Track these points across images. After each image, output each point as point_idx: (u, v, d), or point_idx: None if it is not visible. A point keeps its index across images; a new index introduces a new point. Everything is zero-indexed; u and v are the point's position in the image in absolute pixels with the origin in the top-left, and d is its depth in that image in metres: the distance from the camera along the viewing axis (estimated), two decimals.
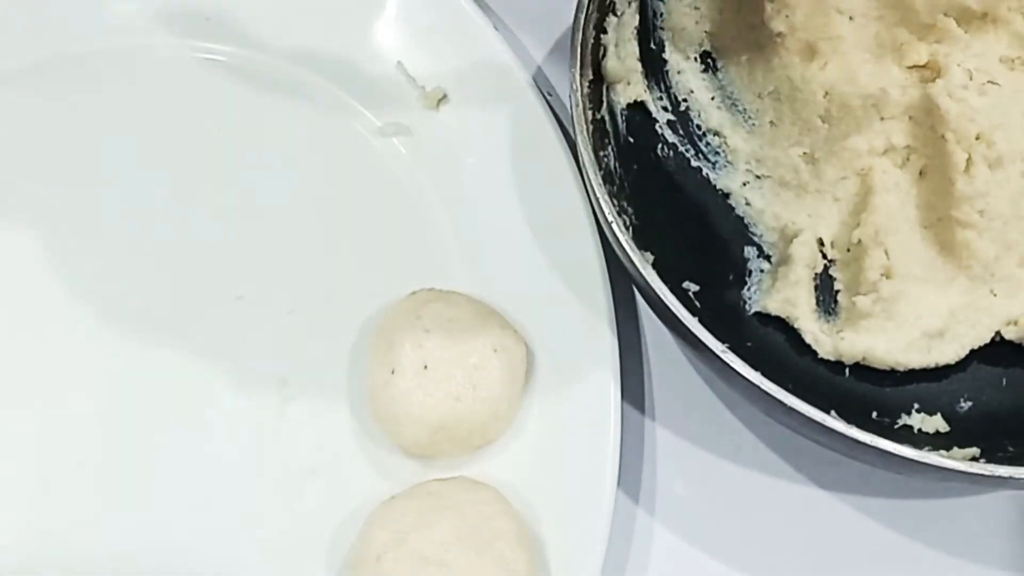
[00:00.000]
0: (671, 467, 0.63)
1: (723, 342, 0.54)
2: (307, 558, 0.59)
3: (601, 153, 0.60)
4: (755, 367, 0.54)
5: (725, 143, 0.65)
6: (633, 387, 0.64)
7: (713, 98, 0.66)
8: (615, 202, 0.58)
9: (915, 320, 0.59)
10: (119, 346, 0.63)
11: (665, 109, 0.66)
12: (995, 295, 0.60)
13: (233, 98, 0.68)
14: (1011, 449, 0.57)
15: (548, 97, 0.68)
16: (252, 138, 0.68)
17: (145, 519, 0.60)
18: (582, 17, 0.60)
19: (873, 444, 0.52)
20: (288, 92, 0.68)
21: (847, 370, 0.60)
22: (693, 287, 0.61)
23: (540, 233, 0.64)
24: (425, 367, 0.59)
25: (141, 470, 0.61)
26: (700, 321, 0.54)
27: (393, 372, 0.59)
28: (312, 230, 0.66)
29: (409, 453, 0.61)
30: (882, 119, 0.61)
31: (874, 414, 0.59)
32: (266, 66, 0.69)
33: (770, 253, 0.63)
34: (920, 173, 0.61)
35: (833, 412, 0.53)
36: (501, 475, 0.60)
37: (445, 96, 0.68)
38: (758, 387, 0.53)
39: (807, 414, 0.53)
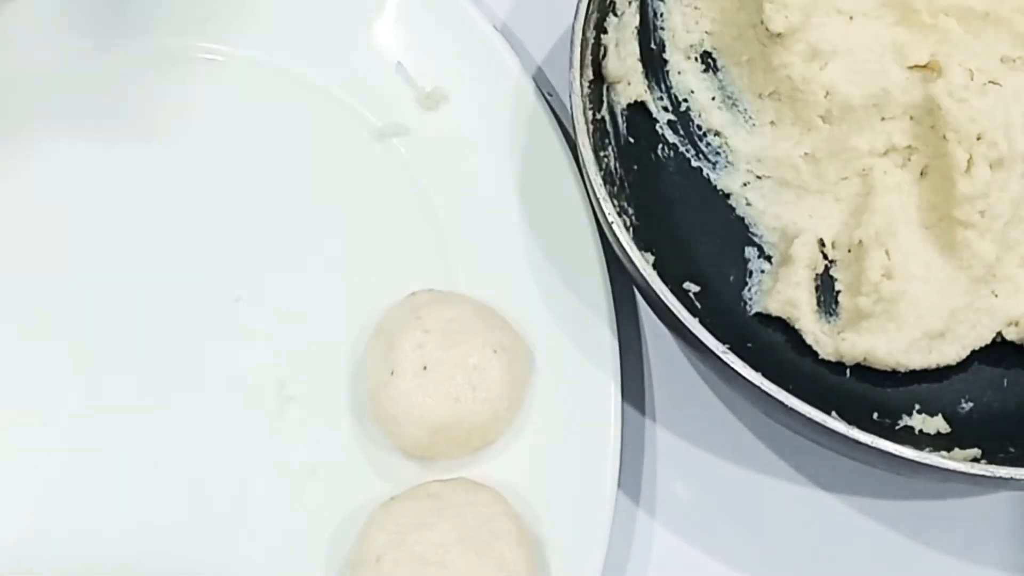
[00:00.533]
0: (671, 467, 0.63)
1: (723, 343, 0.54)
2: (307, 559, 0.59)
3: (601, 153, 0.60)
4: (756, 368, 0.53)
5: (726, 143, 0.65)
6: (633, 387, 0.64)
7: (714, 98, 0.66)
8: (615, 202, 0.58)
9: (916, 321, 0.59)
10: (118, 347, 0.63)
11: (665, 109, 0.66)
12: (996, 296, 0.60)
13: (232, 99, 0.68)
14: (1012, 450, 0.57)
15: (548, 97, 0.67)
16: (251, 139, 0.67)
17: (144, 520, 0.60)
18: (582, 17, 0.60)
19: (874, 445, 0.52)
20: (288, 93, 0.68)
21: (848, 371, 0.60)
22: (693, 288, 0.61)
23: (540, 233, 0.64)
24: (425, 368, 0.59)
25: (140, 471, 0.61)
26: (700, 322, 0.54)
27: (393, 373, 0.59)
28: (311, 231, 0.66)
29: (409, 454, 0.60)
30: (883, 119, 0.62)
31: (875, 415, 0.59)
32: (265, 67, 0.69)
33: (771, 254, 0.63)
34: (921, 173, 0.61)
35: (834, 413, 0.53)
36: (501, 476, 0.60)
37: (445, 97, 0.67)
38: (759, 388, 0.53)
39: (808, 415, 0.52)
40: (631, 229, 0.59)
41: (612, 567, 0.59)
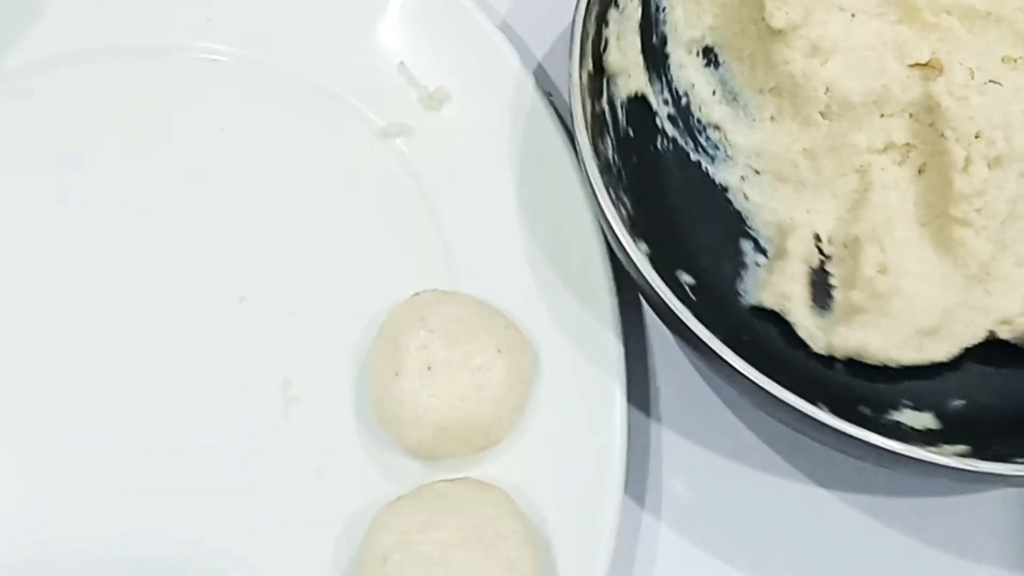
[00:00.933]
0: (676, 468, 0.63)
1: (717, 335, 0.54)
2: (312, 559, 0.59)
3: (600, 144, 0.60)
4: (748, 360, 0.53)
5: (725, 138, 0.65)
6: (638, 388, 0.64)
7: (714, 92, 0.66)
8: (612, 192, 0.58)
9: (909, 317, 0.59)
10: (121, 348, 0.63)
11: (666, 103, 0.66)
12: (990, 294, 0.60)
13: (235, 98, 0.68)
14: (999, 448, 0.56)
15: (550, 97, 0.67)
16: (254, 139, 0.67)
17: (148, 520, 0.60)
18: (583, 9, 0.60)
19: (859, 436, 0.51)
20: (290, 92, 0.68)
21: (839, 365, 0.60)
22: (688, 279, 0.61)
23: (544, 233, 0.64)
24: (429, 368, 0.59)
25: (143, 473, 0.60)
26: (694, 312, 0.54)
27: (397, 374, 0.59)
28: (315, 231, 0.66)
29: (414, 454, 0.60)
30: (882, 116, 0.62)
31: (864, 409, 0.59)
32: (268, 66, 0.69)
33: (766, 247, 0.63)
34: (919, 171, 0.61)
35: (820, 404, 0.53)
36: (506, 476, 0.59)
37: (448, 96, 0.68)
38: (746, 376, 0.53)
39: (790, 402, 0.52)
40: (628, 219, 0.59)
41: (618, 567, 0.59)
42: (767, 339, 0.61)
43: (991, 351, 0.60)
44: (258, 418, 0.62)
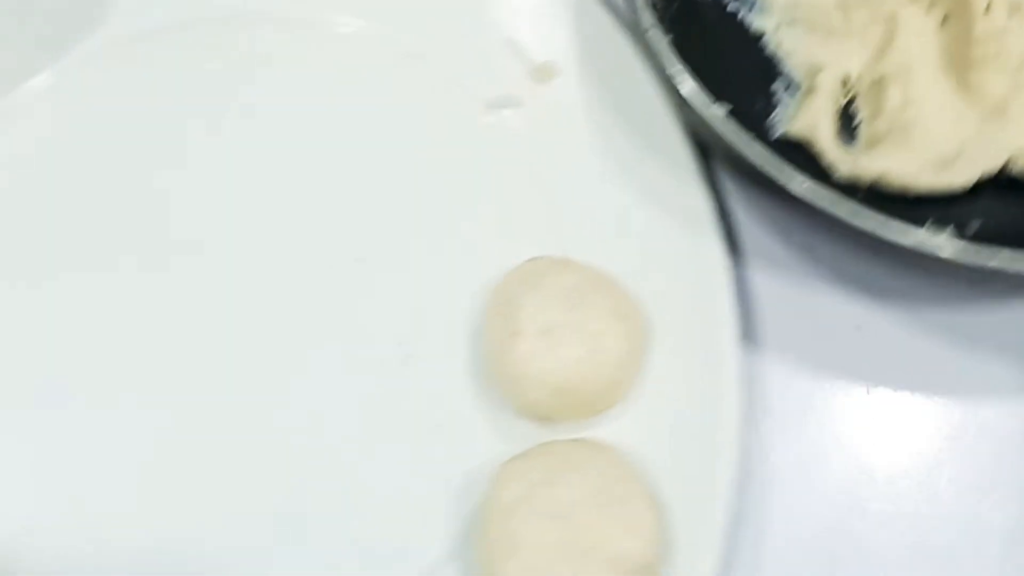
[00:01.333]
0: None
1: None
2: (426, 516, 0.59)
3: None
4: None
5: None
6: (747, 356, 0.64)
7: None
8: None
9: (928, 146, 0.62)
10: (240, 305, 0.64)
11: None
12: (1005, 130, 0.63)
13: (349, 68, 0.70)
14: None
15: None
16: (367, 108, 0.69)
17: (264, 477, 0.60)
18: None
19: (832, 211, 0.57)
20: (402, 63, 0.69)
21: (860, 196, 0.61)
22: (722, 113, 0.62)
23: (653, 203, 0.65)
24: (546, 330, 0.59)
25: (258, 429, 0.61)
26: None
27: (514, 335, 0.59)
28: (427, 196, 0.67)
29: (529, 415, 0.60)
30: None
31: None
32: (379, 36, 0.70)
33: (797, 87, 0.66)
34: (943, 22, 0.65)
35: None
36: (621, 439, 0.59)
37: (558, 69, 0.68)
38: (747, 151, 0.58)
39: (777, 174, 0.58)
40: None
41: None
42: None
43: (1008, 192, 0.63)
44: (373, 377, 0.62)
